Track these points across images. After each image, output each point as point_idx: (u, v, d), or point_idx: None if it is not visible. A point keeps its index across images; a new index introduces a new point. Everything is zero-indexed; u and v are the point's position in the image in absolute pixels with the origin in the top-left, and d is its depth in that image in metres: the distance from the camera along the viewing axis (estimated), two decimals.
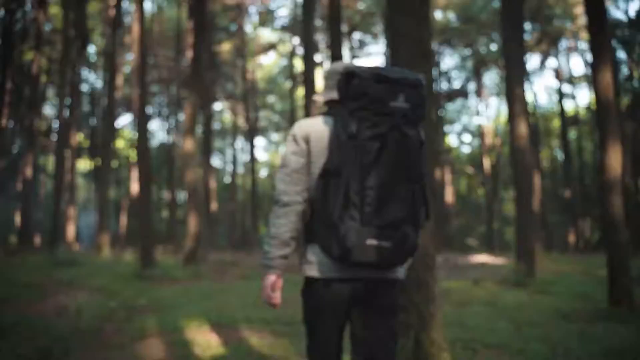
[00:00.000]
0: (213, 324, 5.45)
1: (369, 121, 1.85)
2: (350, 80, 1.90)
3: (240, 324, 5.49)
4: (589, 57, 32.05)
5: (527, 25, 29.34)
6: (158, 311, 6.26)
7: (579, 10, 28.59)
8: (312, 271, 1.98)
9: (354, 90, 1.88)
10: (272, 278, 2.02)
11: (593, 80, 6.51)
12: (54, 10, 30.70)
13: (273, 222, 2.02)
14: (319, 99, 2.21)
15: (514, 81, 9.77)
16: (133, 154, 37.30)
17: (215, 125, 39.41)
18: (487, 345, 4.43)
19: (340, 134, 1.88)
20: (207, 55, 15.13)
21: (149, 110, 36.93)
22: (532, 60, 33.19)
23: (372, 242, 1.81)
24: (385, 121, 1.84)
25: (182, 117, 32.61)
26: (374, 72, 1.88)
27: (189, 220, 11.65)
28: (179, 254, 18.00)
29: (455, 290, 8.10)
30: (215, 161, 44.24)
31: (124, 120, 42.47)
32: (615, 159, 6.25)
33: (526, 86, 30.50)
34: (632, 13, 27.63)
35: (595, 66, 6.42)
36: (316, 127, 2.05)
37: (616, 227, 6.14)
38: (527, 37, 28.66)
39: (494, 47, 29.99)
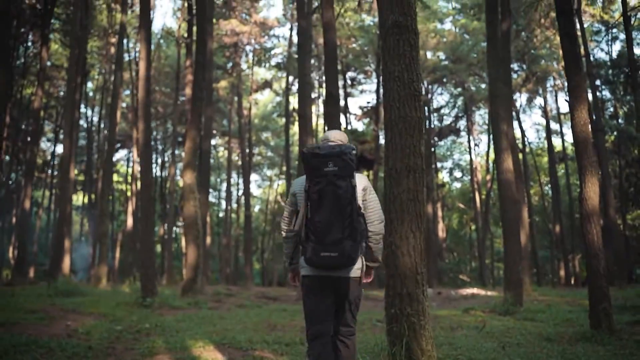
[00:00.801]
0: (217, 345, 5.75)
1: (313, 181, 3.03)
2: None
3: (243, 344, 5.79)
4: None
5: (515, 65, 30.44)
6: (163, 334, 6.55)
7: None
8: (303, 271, 3.23)
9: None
10: (290, 274, 3.53)
11: (571, 118, 7.02)
12: (53, 46, 31.50)
13: (283, 247, 3.42)
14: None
15: (499, 119, 10.32)
16: (128, 188, 37.75)
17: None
18: None
19: (305, 189, 3.08)
20: (206, 93, 15.65)
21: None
22: (521, 98, 34.06)
23: (324, 253, 2.96)
24: (322, 180, 3.00)
25: (175, 151, 33.15)
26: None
27: (188, 251, 11.98)
28: (174, 286, 18.22)
29: (446, 317, 8.44)
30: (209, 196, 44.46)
31: (118, 155, 42.65)
32: (593, 191, 6.72)
33: (515, 123, 31.43)
34: (614, 54, 28.64)
35: (572, 106, 6.95)
36: (298, 184, 3.31)
37: (595, 255, 6.55)
38: (514, 76, 29.66)
39: (483, 86, 30.89)
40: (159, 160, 41.48)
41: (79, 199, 41.03)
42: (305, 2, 17.30)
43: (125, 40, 35.77)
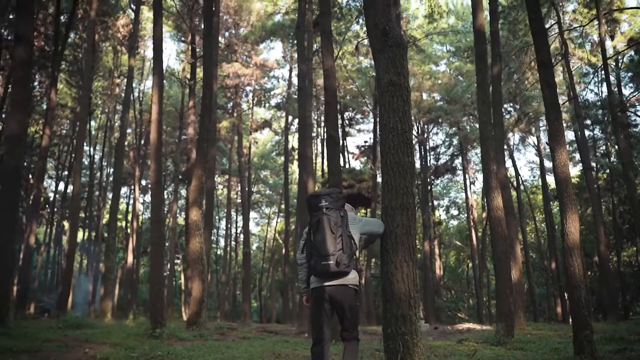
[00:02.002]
0: None
1: (312, 214, 4.07)
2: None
3: None
4: (569, 134, 33.89)
5: (508, 106, 31.42)
6: None
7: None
8: (312, 285, 4.04)
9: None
10: (305, 297, 4.26)
11: (552, 159, 7.66)
12: (58, 86, 32.42)
13: (299, 272, 4.27)
14: None
15: (489, 159, 10.99)
16: (128, 225, 38.22)
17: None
18: None
19: (309, 222, 4.11)
20: (210, 133, 16.35)
21: (143, 183, 38.16)
22: (514, 138, 34.94)
23: (324, 262, 3.86)
24: (318, 212, 4.02)
25: (177, 189, 33.72)
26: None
27: (193, 286, 12.43)
28: (175, 322, 18.52)
29: (440, 346, 8.88)
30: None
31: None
32: (573, 227, 7.30)
33: (509, 162, 32.17)
34: (603, 95, 29.64)
35: (553, 148, 7.60)
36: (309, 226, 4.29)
37: (577, 286, 7.09)
38: (507, 116, 30.59)
39: (477, 125, 31.70)
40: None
41: (78, 235, 41.42)
42: (305, 47, 18.21)
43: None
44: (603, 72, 28.70)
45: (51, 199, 38.73)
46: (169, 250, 32.79)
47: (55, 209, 37.89)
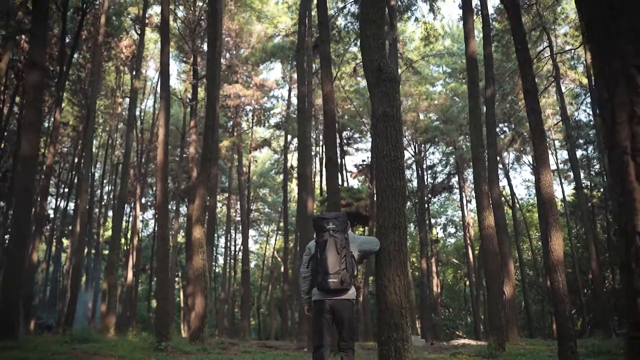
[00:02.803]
0: None
1: (320, 235, 4.55)
2: (313, 221, 4.78)
3: None
4: (563, 153, 34.39)
5: (503, 126, 32.06)
6: None
7: (548, 111, 31.39)
8: (314, 298, 4.56)
9: (314, 224, 4.68)
10: (307, 306, 4.79)
11: (537, 181, 8.15)
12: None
13: (301, 284, 4.77)
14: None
15: (481, 180, 11.50)
16: (127, 243, 38.54)
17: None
18: None
19: (316, 241, 4.59)
20: (213, 153, 16.86)
21: (143, 200, 38.58)
22: (509, 157, 35.48)
23: (329, 279, 4.36)
24: (325, 234, 4.51)
25: (178, 207, 34.10)
26: (320, 216, 4.68)
27: (196, 301, 12.82)
28: (175, 337, 18.79)
29: (433, 359, 9.30)
30: None
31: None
32: (557, 244, 7.78)
33: (504, 180, 32.60)
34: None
35: (538, 171, 8.10)
36: (312, 243, 4.74)
37: (561, 300, 7.54)
38: (502, 136, 31.19)
39: None
40: (157, 215, 42.38)
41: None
42: (305, 70, 18.80)
43: (128, 99, 37.53)
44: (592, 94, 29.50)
45: (51, 216, 39.04)
46: (170, 268, 33.09)
47: (55, 227, 38.19)
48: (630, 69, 1.62)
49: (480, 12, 18.30)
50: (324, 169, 32.29)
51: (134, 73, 22.52)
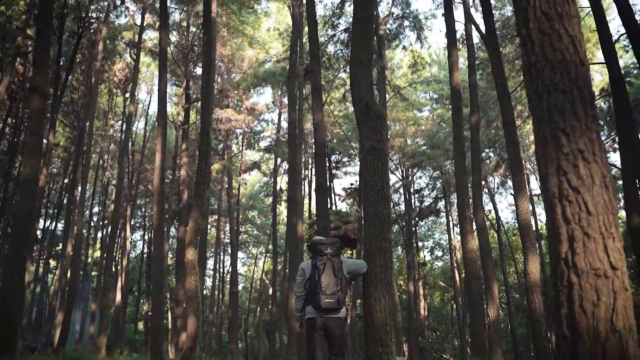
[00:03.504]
0: None
1: (319, 258, 4.96)
2: (311, 244, 5.12)
3: None
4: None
5: (489, 152, 32.82)
6: None
7: (532, 137, 32.21)
8: (307, 316, 4.98)
9: (312, 247, 5.06)
10: (298, 323, 5.23)
11: (516, 207, 8.68)
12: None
13: (294, 302, 5.58)
14: (309, 252, 5.30)
15: (464, 205, 12.03)
16: (116, 264, 38.49)
17: None
18: None
19: (313, 264, 4.98)
20: (206, 177, 17.28)
21: (131, 222, 38.67)
22: (494, 181, 36.20)
23: (327, 300, 4.80)
24: (324, 258, 4.94)
25: (169, 229, 34.29)
26: (317, 241, 5.07)
27: (188, 322, 13.11)
28: None
29: None
30: None
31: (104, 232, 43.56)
32: (534, 267, 8.29)
33: (490, 204, 33.22)
34: None
35: (516, 198, 8.64)
36: (306, 264, 5.21)
37: (538, 320, 8.01)
38: (487, 162, 31.91)
39: None
40: (146, 237, 42.50)
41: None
42: (296, 96, 19.40)
43: (120, 122, 37.95)
44: None
45: (39, 236, 38.97)
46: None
47: (42, 248, 38.15)
48: (557, 132, 2.12)
49: (465, 42, 19.12)
50: (312, 193, 32.78)
51: (129, 97, 22.97)
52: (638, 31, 10.35)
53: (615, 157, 30.84)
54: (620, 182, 19.12)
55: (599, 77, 32.01)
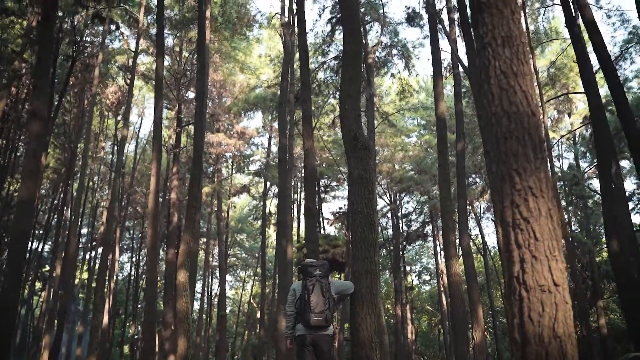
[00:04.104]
0: None
1: (308, 279, 5.43)
2: (301, 266, 5.66)
3: None
4: None
5: (475, 177, 33.47)
6: None
7: None
8: (297, 332, 5.39)
9: (303, 269, 5.56)
10: (289, 340, 5.63)
11: (496, 232, 9.10)
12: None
13: (286, 320, 5.67)
14: (299, 274, 5.90)
15: (449, 230, 12.47)
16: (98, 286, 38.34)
17: None
18: None
19: (303, 285, 5.44)
20: (198, 201, 17.61)
21: (120, 244, 38.67)
22: (480, 206, 36.80)
23: (315, 318, 5.21)
24: (312, 279, 5.41)
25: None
26: (307, 264, 5.60)
27: (179, 342, 13.32)
28: None
29: None
30: None
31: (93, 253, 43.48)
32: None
33: (476, 229, 33.69)
34: (565, 168, 31.91)
35: (496, 224, 9.08)
36: (297, 285, 5.63)
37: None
38: (473, 187, 32.54)
39: None
40: (134, 259, 42.48)
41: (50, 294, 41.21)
42: (287, 122, 19.88)
43: (111, 144, 38.26)
44: (559, 147, 31.23)
45: (26, 257, 38.78)
46: (140, 314, 33.06)
47: (30, 269, 37.93)
48: (511, 172, 2.56)
49: (452, 71, 19.79)
50: (301, 216, 33.13)
51: (123, 122, 23.35)
52: (613, 69, 10.99)
53: (597, 184, 31.58)
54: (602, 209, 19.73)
55: (582, 105, 33.00)
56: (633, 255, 10.35)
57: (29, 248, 39.93)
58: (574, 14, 13.87)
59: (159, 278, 34.78)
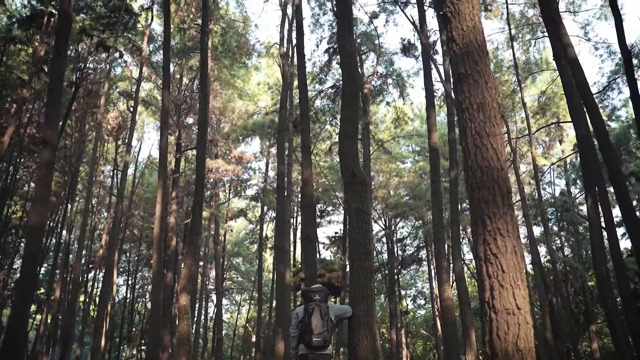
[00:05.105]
0: None
1: (309, 303, 5.92)
2: (303, 292, 6.48)
3: None
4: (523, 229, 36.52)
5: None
6: None
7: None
8: (301, 352, 5.86)
9: (303, 295, 6.19)
10: (295, 359, 6.00)
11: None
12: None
13: (290, 341, 6.13)
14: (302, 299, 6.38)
15: (441, 256, 13.02)
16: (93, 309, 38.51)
17: None
18: None
19: (305, 308, 5.95)
20: (199, 226, 18.10)
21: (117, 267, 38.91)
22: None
23: (315, 339, 5.72)
24: (312, 303, 5.89)
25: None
26: (308, 289, 6.17)
27: None
28: None
29: None
30: None
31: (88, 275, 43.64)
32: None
33: (470, 254, 34.12)
34: (556, 193, 32.59)
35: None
36: (300, 309, 6.08)
37: None
38: (467, 213, 33.11)
39: None
40: (130, 282, 42.65)
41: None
42: (286, 148, 20.51)
43: (107, 167, 38.75)
44: (551, 173, 31.93)
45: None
46: (135, 337, 33.22)
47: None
48: (483, 216, 3.14)
49: (445, 101, 20.51)
50: (298, 241, 33.58)
51: (125, 148, 23.90)
52: (595, 105, 11.69)
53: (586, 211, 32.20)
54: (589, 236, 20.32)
55: (573, 132, 33.81)
56: (621, 281, 10.90)
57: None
58: (561, 50, 14.61)
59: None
